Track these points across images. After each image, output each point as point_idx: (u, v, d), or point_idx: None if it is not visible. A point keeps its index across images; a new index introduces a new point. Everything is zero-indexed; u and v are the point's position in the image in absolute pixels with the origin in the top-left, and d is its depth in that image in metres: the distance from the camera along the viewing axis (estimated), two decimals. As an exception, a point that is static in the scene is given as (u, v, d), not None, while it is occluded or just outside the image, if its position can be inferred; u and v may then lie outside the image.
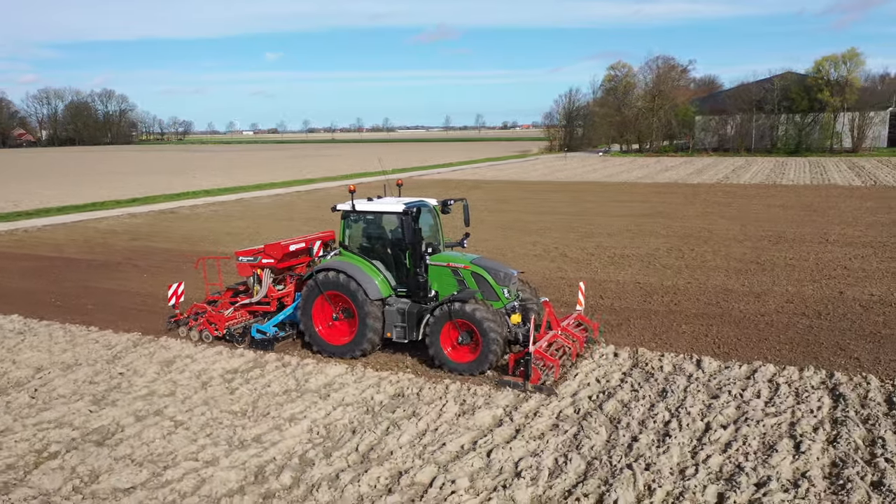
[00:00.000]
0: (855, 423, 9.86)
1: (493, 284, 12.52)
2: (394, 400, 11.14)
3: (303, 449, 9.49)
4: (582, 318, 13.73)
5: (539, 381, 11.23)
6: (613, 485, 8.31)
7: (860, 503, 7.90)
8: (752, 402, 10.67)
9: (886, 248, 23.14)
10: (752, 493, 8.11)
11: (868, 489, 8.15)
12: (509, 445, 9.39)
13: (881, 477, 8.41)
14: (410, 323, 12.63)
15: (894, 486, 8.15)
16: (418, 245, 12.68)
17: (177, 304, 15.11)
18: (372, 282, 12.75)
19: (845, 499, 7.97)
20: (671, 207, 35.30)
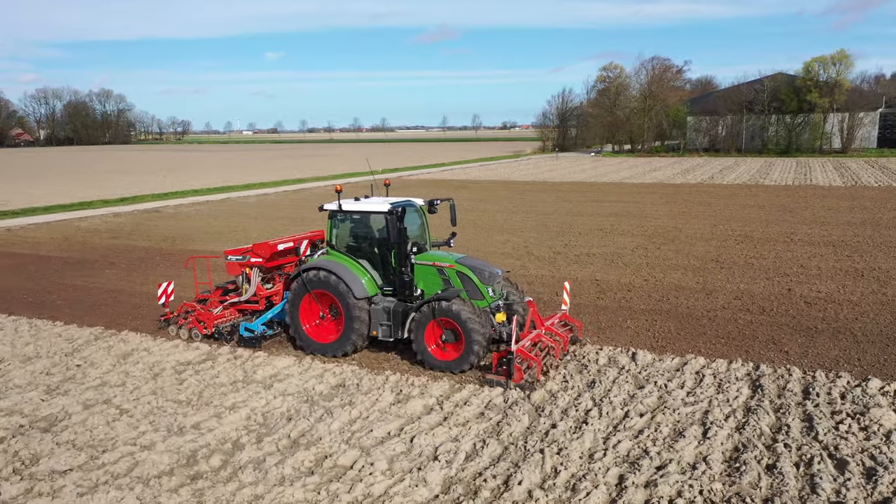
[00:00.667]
0: (766, 412, 10.36)
1: (478, 283, 12.68)
2: (333, 390, 11.64)
3: (237, 435, 9.99)
4: (567, 318, 13.93)
5: (521, 379, 11.39)
6: (522, 467, 8.81)
7: (750, 483, 8.38)
8: (674, 393, 11.17)
9: (847, 247, 23.62)
10: (650, 475, 8.61)
11: (761, 471, 8.64)
12: (433, 432, 9.89)
13: (776, 460, 8.91)
14: (396, 321, 12.77)
15: (786, 469, 8.64)
16: (404, 244, 12.83)
17: (167, 303, 15.25)
18: (358, 281, 12.91)
19: (737, 480, 8.46)
20: (647, 208, 35.78)
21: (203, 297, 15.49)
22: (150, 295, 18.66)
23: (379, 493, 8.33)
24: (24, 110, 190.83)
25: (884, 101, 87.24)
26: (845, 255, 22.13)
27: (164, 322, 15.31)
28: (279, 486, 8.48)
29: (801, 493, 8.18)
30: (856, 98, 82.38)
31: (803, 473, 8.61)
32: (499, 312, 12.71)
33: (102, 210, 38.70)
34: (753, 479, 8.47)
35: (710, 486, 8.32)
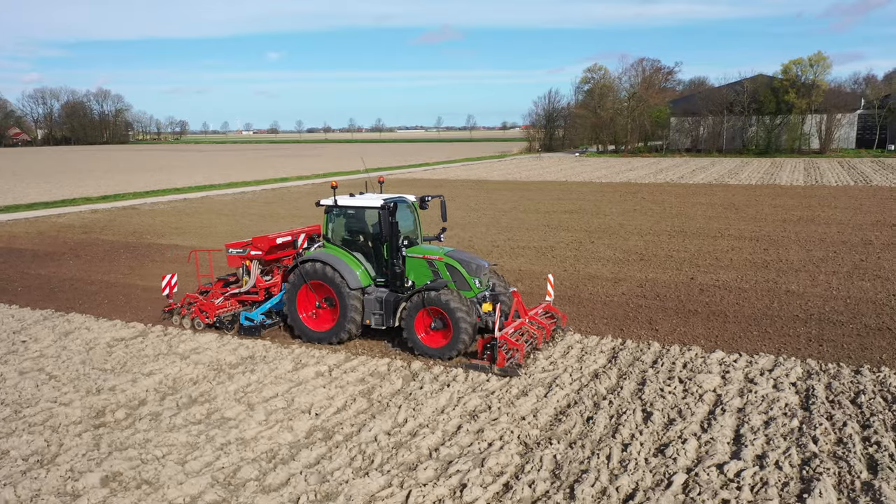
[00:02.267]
0: (609, 377, 11.92)
1: (466, 275, 13.36)
2: (242, 360, 13.20)
3: (146, 395, 11.55)
4: (551, 308, 14.66)
5: (504, 364, 12.08)
6: (378, 418, 10.37)
7: (564, 430, 9.92)
8: (538, 363, 12.71)
9: (769, 241, 25.15)
10: (484, 424, 10.15)
11: (580, 421, 10.18)
12: (314, 392, 11.45)
13: (596, 413, 10.45)
14: (388, 310, 13.50)
15: (599, 419, 10.17)
16: (395, 238, 13.50)
17: (171, 295, 15.76)
18: (353, 272, 13.60)
19: (555, 427, 10.00)
20: (603, 206, 37.29)
21: (205, 288, 16.16)
22: (104, 282, 20.26)
23: (249, 437, 9.89)
24: (21, 110, 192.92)
25: (861, 103, 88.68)
26: (762, 249, 23.66)
27: (167, 313, 16.04)
28: (168, 432, 10.04)
29: (603, 436, 9.72)
30: (833, 99, 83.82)
31: (613, 423, 10.16)
32: (485, 302, 13.44)
33: (83, 207, 40.27)
34: (569, 427, 10.03)
35: (529, 432, 9.88)
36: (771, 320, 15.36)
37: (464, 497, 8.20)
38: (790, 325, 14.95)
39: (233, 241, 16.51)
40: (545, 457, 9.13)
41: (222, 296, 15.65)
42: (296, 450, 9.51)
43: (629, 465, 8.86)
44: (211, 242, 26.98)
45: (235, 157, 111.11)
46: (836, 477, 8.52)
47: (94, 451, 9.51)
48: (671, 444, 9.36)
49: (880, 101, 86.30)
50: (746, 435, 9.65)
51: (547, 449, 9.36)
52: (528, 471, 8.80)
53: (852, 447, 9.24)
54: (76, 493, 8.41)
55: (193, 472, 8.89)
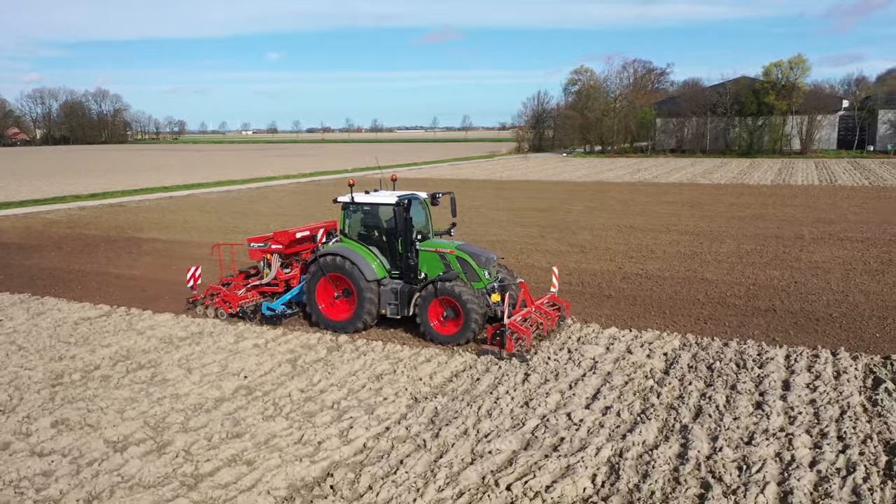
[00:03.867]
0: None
1: (476, 267, 14.09)
2: (191, 335, 14.91)
3: (101, 362, 13.25)
4: (555, 299, 15.44)
5: (513, 349, 12.90)
6: (295, 379, 12.09)
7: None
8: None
9: (709, 236, 26.84)
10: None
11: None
12: (247, 359, 13.16)
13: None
14: (402, 301, 14.31)
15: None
16: (409, 232, 14.27)
17: (195, 286, 16.58)
18: (369, 265, 14.39)
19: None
20: (569, 203, 38.98)
21: (226, 280, 17.01)
22: (80, 271, 21.99)
23: (182, 393, 11.60)
24: (20, 110, 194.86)
25: (843, 105, 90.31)
26: (698, 243, 25.35)
27: (191, 303, 16.82)
28: (114, 390, 11.75)
29: (483, 392, 11.41)
30: (814, 101, 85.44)
31: (495, 383, 11.85)
32: (494, 293, 14.16)
33: (71, 204, 42.00)
34: (457, 385, 11.73)
35: (421, 389, 11.58)
36: (674, 303, 17.06)
37: (348, 436, 9.90)
38: (689, 307, 16.65)
39: (253, 236, 17.05)
40: (427, 407, 10.84)
41: (244, 287, 16.48)
42: (220, 402, 11.22)
43: (494, 413, 10.56)
44: (189, 237, 28.72)
45: (232, 156, 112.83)
46: (662, 421, 10.23)
47: (49, 403, 11.22)
48: (536, 398, 11.07)
49: (860, 103, 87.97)
50: (604, 391, 11.35)
51: (431, 402, 11.07)
52: (409, 417, 10.52)
53: (688, 400, 10.95)
54: (29, 433, 10.13)
55: (129, 418, 10.60)
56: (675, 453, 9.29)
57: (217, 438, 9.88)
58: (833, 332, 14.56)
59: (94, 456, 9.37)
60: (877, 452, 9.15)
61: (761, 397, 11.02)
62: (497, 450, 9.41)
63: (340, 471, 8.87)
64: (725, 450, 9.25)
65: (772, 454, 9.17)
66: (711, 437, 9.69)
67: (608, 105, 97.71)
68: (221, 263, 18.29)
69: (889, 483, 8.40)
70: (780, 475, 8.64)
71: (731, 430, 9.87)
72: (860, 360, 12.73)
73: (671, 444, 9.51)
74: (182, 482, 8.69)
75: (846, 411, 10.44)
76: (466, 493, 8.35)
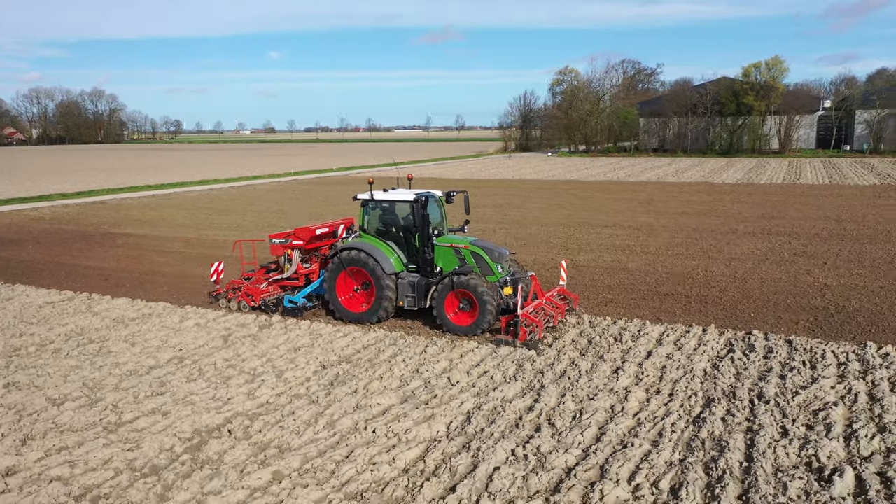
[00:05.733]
0: (416, 326, 15.32)
1: (489, 261, 14.75)
2: (141, 317, 16.61)
3: (56, 338, 14.95)
4: (564, 292, 16.13)
5: (526, 338, 13.55)
6: (223, 350, 13.79)
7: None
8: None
9: (648, 230, 28.55)
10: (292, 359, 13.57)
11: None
12: (186, 336, 14.87)
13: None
14: (419, 293, 14.94)
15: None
16: (426, 228, 14.96)
17: (217, 280, 17.27)
18: (387, 259, 15.01)
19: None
20: (533, 200, 40.70)
21: (248, 274, 17.66)
22: (53, 263, 23.69)
23: (122, 362, 13.29)
24: (17, 109, 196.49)
25: (823, 105, 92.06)
26: (634, 237, 27.05)
27: (214, 297, 17.59)
28: (63, 359, 13.46)
29: (382, 361, 13.12)
30: (792, 101, 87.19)
31: (394, 353, 13.55)
32: (506, 286, 14.74)
33: (57, 202, 43.68)
34: (362, 356, 13.44)
35: (330, 358, 13.29)
36: (586, 289, 18.73)
37: (255, 394, 11.60)
38: (598, 293, 18.34)
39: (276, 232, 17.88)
40: (331, 372, 12.55)
41: (265, 281, 17.15)
42: (152, 369, 12.93)
43: (386, 376, 12.28)
44: (160, 232, 30.41)
45: (225, 155, 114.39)
46: (527, 382, 11.93)
47: (4, 370, 12.94)
48: (427, 365, 12.76)
49: (837, 103, 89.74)
50: (488, 360, 13.06)
51: (336, 368, 12.78)
52: (311, 379, 12.24)
53: (556, 366, 12.65)
54: (-18, 393, 11.85)
55: (71, 381, 12.30)
56: (525, 406, 10.99)
57: (143, 396, 11.59)
58: (714, 313, 16.27)
59: (35, 409, 11.08)
60: (693, 404, 10.88)
61: (622, 364, 12.72)
62: (377, 403, 11.12)
63: (239, 419, 10.59)
64: (569, 403, 10.97)
65: (606, 406, 10.87)
66: (561, 393, 11.40)
67: (592, 105, 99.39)
68: (243, 259, 18.73)
69: (691, 427, 10.11)
70: (604, 422, 10.35)
71: (582, 388, 11.58)
72: (725, 335, 14.44)
73: (525, 399, 11.22)
74: (105, 427, 10.40)
75: (687, 374, 12.16)
76: (338, 434, 10.06)
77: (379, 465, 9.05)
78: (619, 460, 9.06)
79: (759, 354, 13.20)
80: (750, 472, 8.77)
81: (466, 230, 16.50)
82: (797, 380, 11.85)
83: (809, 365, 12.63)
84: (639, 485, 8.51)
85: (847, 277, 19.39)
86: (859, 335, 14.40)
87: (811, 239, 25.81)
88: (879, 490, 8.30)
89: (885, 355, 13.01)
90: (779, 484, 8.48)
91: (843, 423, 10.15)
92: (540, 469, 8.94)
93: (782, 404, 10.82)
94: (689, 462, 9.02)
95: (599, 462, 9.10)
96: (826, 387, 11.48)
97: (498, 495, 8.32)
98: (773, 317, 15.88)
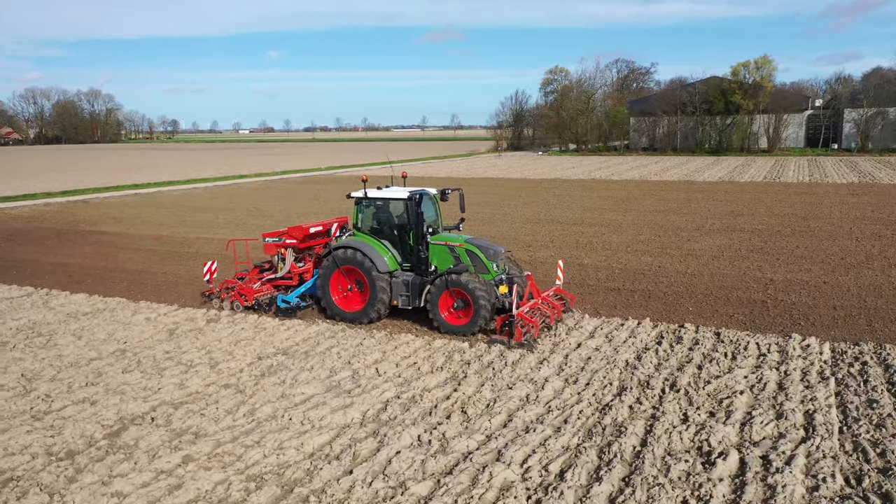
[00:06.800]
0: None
1: (484, 260, 14.57)
2: (94, 311, 16.97)
3: (7, 332, 15.31)
4: (561, 291, 16.04)
5: (521, 338, 13.42)
6: (166, 343, 14.15)
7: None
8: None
9: (613, 227, 28.90)
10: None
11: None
12: (133, 330, 15.23)
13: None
14: (414, 292, 14.80)
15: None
16: (420, 227, 14.76)
17: (210, 280, 17.09)
18: (381, 258, 14.88)
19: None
20: (509, 198, 41.08)
21: (241, 274, 17.46)
22: (20, 260, 24.07)
23: (65, 354, 13.65)
24: (13, 109, 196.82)
25: (810, 103, 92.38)
26: (599, 234, 27.40)
27: (207, 297, 17.39)
28: (8, 352, 13.83)
29: (308, 351, 13.48)
30: (781, 101, 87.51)
31: (329, 344, 13.92)
32: (502, 285, 14.52)
33: (41, 201, 44.05)
34: (295, 350, 13.80)
35: (267, 350, 13.65)
36: (536, 282, 19.03)
37: (185, 384, 11.96)
38: (547, 286, 18.65)
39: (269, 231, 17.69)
40: (265, 363, 12.91)
41: (259, 281, 16.98)
42: (92, 361, 13.29)
43: (317, 367, 12.63)
44: (135, 230, 30.77)
45: (222, 155, 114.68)
46: (451, 373, 12.29)
47: (-51, 361, 13.32)
48: (358, 356, 13.12)
49: (825, 102, 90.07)
50: (420, 352, 13.42)
51: (271, 359, 13.14)
52: (244, 370, 12.60)
53: (484, 358, 13.01)
54: (-77, 383, 12.21)
55: (11, 372, 12.67)
56: (444, 395, 11.35)
57: (76, 386, 11.95)
58: (654, 307, 16.64)
59: (-30, 398, 11.45)
60: (605, 393, 11.24)
61: (548, 356, 13.07)
62: (301, 393, 11.48)
63: (164, 408, 10.96)
64: (486, 392, 11.33)
65: (522, 395, 11.23)
66: (481, 383, 11.76)
67: (582, 104, 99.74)
68: (237, 258, 18.63)
69: (597, 414, 10.47)
70: (515, 409, 10.71)
71: (503, 378, 11.94)
72: (658, 328, 14.80)
73: (445, 388, 11.58)
74: (32, 415, 10.76)
75: (609, 365, 12.51)
76: (255, 421, 10.42)
77: (286, 449, 9.41)
78: (518, 445, 9.43)
79: (684, 346, 13.57)
80: (640, 455, 9.13)
81: (462, 228, 16.41)
82: (713, 370, 12.22)
83: (730, 356, 13.00)
84: (530, 467, 8.86)
85: (795, 273, 19.75)
86: (788, 328, 14.77)
87: (772, 236, 26.16)
88: (758, 472, 8.66)
89: (805, 346, 13.38)
90: (664, 466, 8.85)
91: (743, 411, 10.52)
92: (440, 453, 9.30)
93: (691, 393, 11.19)
94: (584, 447, 9.37)
95: (499, 447, 9.46)
96: (739, 376, 11.84)
97: (392, 477, 8.68)
98: (711, 310, 16.25)
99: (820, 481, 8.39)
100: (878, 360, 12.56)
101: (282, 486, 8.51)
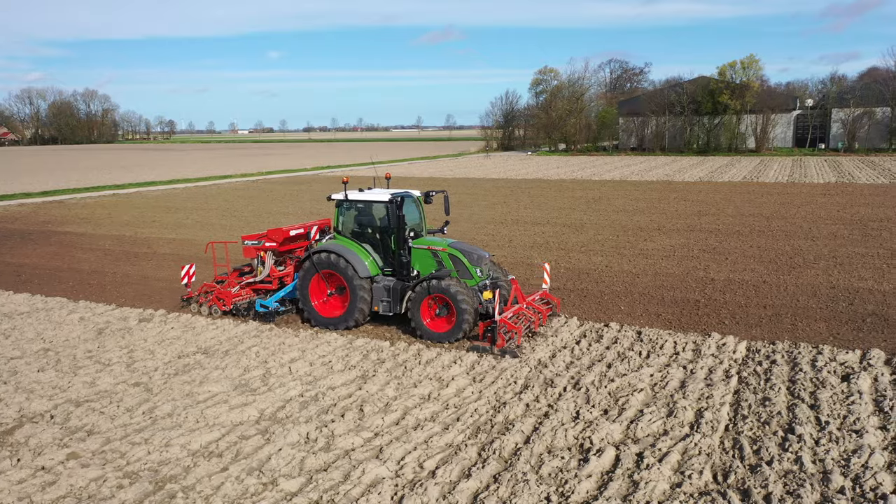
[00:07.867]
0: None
1: (468, 265, 14.20)
2: (32, 311, 17.08)
3: (-61, 331, 15.46)
4: (547, 296, 15.71)
5: (504, 345, 13.09)
6: (90, 341, 14.26)
7: (215, 349, 13.81)
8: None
9: (576, 227, 29.00)
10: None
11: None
12: (62, 330, 15.33)
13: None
14: (395, 298, 14.41)
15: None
16: (402, 230, 14.41)
17: (188, 284, 16.75)
18: (362, 262, 14.49)
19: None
20: (483, 198, 41.16)
21: (220, 278, 17.08)
22: (-23, 259, 24.15)
23: (31, 336, 13.78)
24: (9, 110, 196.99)
25: (797, 103, 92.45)
26: (559, 234, 27.50)
27: (186, 301, 16.99)
28: (-68, 351, 13.96)
29: (283, 345, 13.60)
30: (768, 101, 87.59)
31: (298, 339, 14.03)
32: (486, 290, 14.22)
33: (16, 201, 44.16)
34: (247, 349, 13.91)
35: (209, 346, 13.76)
36: (478, 284, 19.17)
37: (95, 383, 12.06)
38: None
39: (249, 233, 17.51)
40: (182, 362, 13.00)
41: (238, 285, 16.59)
42: (11, 360, 13.39)
43: (231, 365, 12.74)
44: (100, 231, 30.88)
45: (215, 155, 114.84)
46: (362, 371, 12.39)
47: None
48: (277, 356, 13.23)
49: (815, 102, 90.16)
50: (339, 351, 13.51)
51: (189, 358, 13.24)
52: (158, 369, 12.69)
53: (420, 356, 13.10)
54: None
55: (-72, 371, 12.79)
56: (347, 393, 11.44)
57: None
58: (587, 306, 16.74)
59: None
60: (506, 392, 11.33)
61: (463, 354, 13.15)
62: (207, 391, 11.59)
63: (66, 406, 11.06)
64: (389, 390, 11.42)
65: (424, 393, 11.31)
66: (387, 382, 11.85)
67: (571, 105, 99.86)
68: (216, 261, 18.58)
69: (492, 412, 10.56)
70: (412, 407, 10.80)
71: (410, 377, 12.03)
72: (582, 327, 14.90)
73: (350, 387, 11.68)
74: (-65, 413, 10.87)
75: (520, 363, 12.60)
76: (152, 419, 10.52)
77: (171, 447, 9.51)
78: (401, 442, 9.54)
79: (602, 345, 13.67)
80: (518, 452, 9.22)
81: (446, 231, 16.06)
82: (621, 368, 12.31)
83: (645, 354, 13.09)
84: (405, 464, 8.96)
85: (738, 272, 19.85)
86: (712, 327, 14.87)
87: (730, 235, 26.25)
88: (629, 468, 8.76)
89: (721, 345, 13.48)
90: (537, 463, 8.95)
91: (637, 409, 10.61)
92: (323, 451, 9.40)
93: (591, 391, 11.27)
94: (467, 444, 9.47)
95: (382, 444, 9.56)
96: (645, 375, 11.94)
97: (267, 473, 8.78)
98: (642, 309, 16.36)
99: (686, 477, 8.49)
100: (788, 359, 12.66)
101: (155, 483, 8.61)
